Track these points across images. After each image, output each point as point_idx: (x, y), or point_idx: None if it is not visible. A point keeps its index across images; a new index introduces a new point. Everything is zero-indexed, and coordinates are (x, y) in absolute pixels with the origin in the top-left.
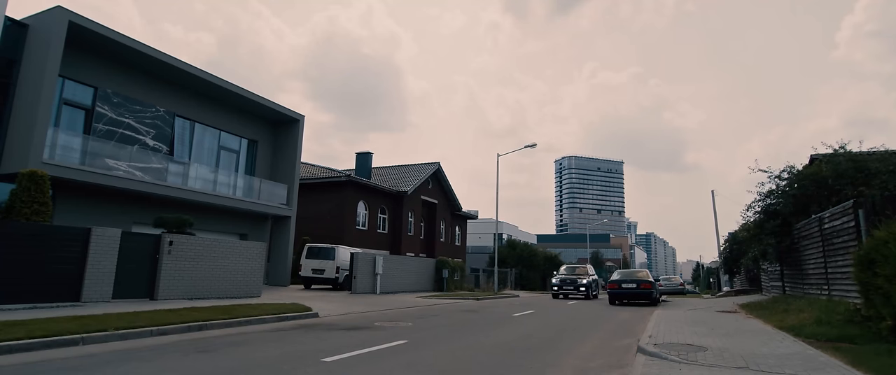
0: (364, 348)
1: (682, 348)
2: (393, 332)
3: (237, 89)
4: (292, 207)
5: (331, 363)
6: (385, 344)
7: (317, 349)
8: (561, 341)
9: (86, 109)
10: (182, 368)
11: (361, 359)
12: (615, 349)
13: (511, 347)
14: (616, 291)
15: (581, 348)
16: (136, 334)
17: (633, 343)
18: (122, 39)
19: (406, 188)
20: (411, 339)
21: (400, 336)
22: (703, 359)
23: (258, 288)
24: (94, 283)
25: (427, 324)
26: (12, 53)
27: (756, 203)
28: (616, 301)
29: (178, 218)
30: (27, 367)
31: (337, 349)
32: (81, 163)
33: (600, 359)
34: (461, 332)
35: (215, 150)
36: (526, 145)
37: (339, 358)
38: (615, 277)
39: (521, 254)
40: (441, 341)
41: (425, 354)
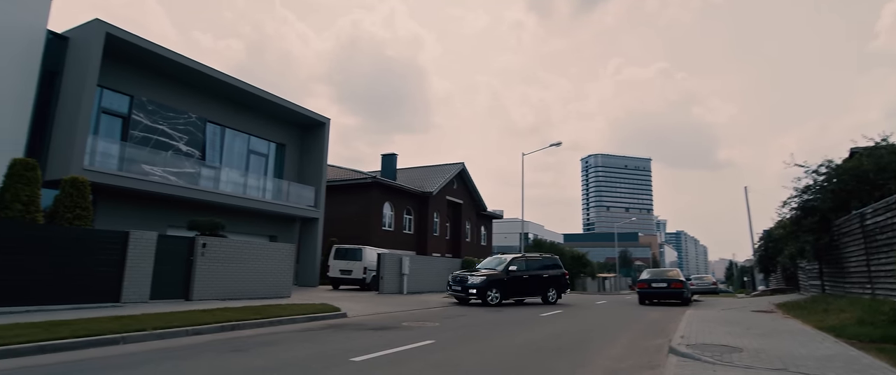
0: (392, 348)
1: (715, 349)
2: (420, 332)
3: (265, 94)
4: (320, 209)
5: (360, 362)
6: (413, 344)
7: (346, 348)
8: (590, 341)
9: (122, 117)
10: (217, 367)
11: (390, 359)
12: (646, 349)
13: (539, 347)
14: (646, 291)
15: (611, 348)
16: (173, 333)
17: (664, 343)
18: (156, 49)
19: (431, 188)
20: (438, 339)
21: (427, 336)
22: (739, 360)
23: (288, 289)
24: (133, 284)
25: (454, 324)
26: (54, 65)
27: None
28: (646, 300)
29: (210, 220)
30: (71, 365)
31: (365, 349)
32: (119, 169)
33: (631, 360)
34: (488, 332)
35: (245, 154)
36: (551, 144)
37: (368, 358)
38: (644, 276)
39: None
40: (468, 341)
41: (453, 354)
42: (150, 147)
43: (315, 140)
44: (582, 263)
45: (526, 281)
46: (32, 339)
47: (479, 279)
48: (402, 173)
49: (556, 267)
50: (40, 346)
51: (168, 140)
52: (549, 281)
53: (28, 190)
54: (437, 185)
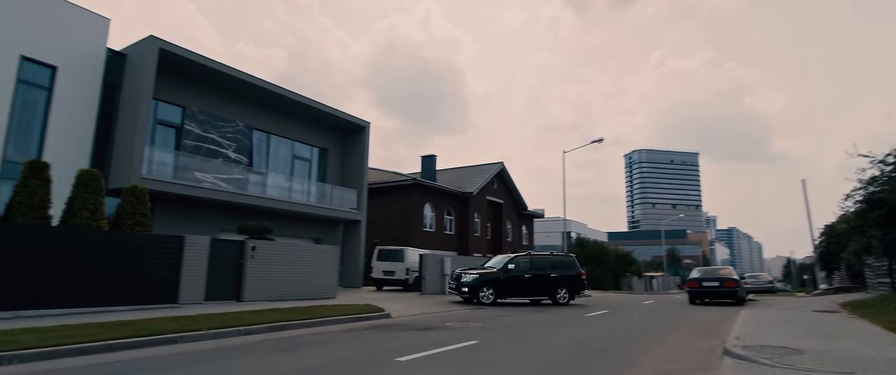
0: (436, 348)
1: (774, 350)
2: (464, 332)
3: (307, 101)
4: (362, 211)
5: (404, 362)
6: (457, 344)
7: (391, 348)
8: (638, 342)
9: (176, 127)
10: (268, 366)
11: (434, 359)
12: (698, 350)
13: (585, 347)
14: (696, 290)
15: (660, 349)
16: (226, 333)
17: (718, 344)
18: (206, 61)
19: (471, 189)
20: (482, 339)
21: (471, 336)
22: (800, 363)
23: (333, 290)
24: (189, 286)
25: (497, 324)
26: (114, 81)
27: (856, 191)
28: (696, 300)
29: (258, 224)
30: (134, 363)
31: (410, 349)
32: (174, 177)
33: (682, 361)
34: (532, 332)
35: (289, 160)
36: (592, 140)
37: (413, 358)
38: (695, 275)
39: (592, 253)
40: (512, 341)
41: (497, 354)
42: (202, 155)
43: (356, 144)
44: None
45: (528, 280)
46: (101, 338)
47: (471, 277)
48: (442, 174)
49: (570, 267)
50: (108, 345)
51: (218, 148)
52: (559, 281)
53: (94, 199)
54: (476, 185)
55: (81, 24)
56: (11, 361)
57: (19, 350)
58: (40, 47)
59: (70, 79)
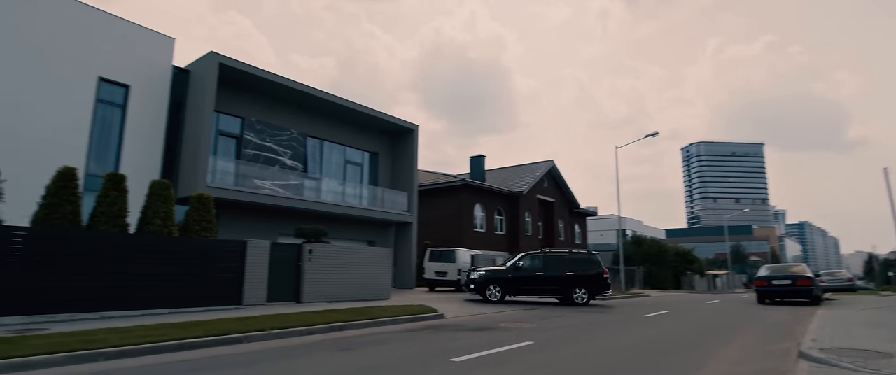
0: (491, 349)
1: (856, 354)
2: (518, 333)
3: (357, 106)
4: (413, 213)
5: (460, 363)
6: (511, 345)
7: (446, 349)
8: (702, 343)
9: (236, 137)
10: (329, 365)
11: (489, 360)
12: (769, 353)
13: (644, 349)
14: (765, 289)
15: (727, 351)
16: (288, 333)
17: (791, 347)
18: (262, 73)
19: (521, 188)
20: (537, 340)
21: (526, 336)
22: (888, 367)
23: (387, 291)
24: (252, 288)
25: (552, 325)
26: (179, 96)
27: None
28: (766, 299)
29: (314, 228)
30: (204, 361)
31: (465, 349)
32: (235, 185)
33: (752, 364)
34: (589, 333)
35: (342, 164)
36: (647, 134)
37: (468, 359)
38: (763, 273)
39: (649, 251)
40: (568, 342)
41: (553, 355)
42: (260, 163)
43: (405, 146)
44: (688, 260)
45: (538, 278)
46: (174, 338)
47: (478, 274)
48: (491, 174)
49: (589, 266)
50: (180, 344)
51: (274, 155)
52: (575, 280)
53: (165, 208)
54: (526, 184)
55: (150, 44)
56: (97, 359)
57: (104, 348)
58: (115, 68)
59: (141, 97)
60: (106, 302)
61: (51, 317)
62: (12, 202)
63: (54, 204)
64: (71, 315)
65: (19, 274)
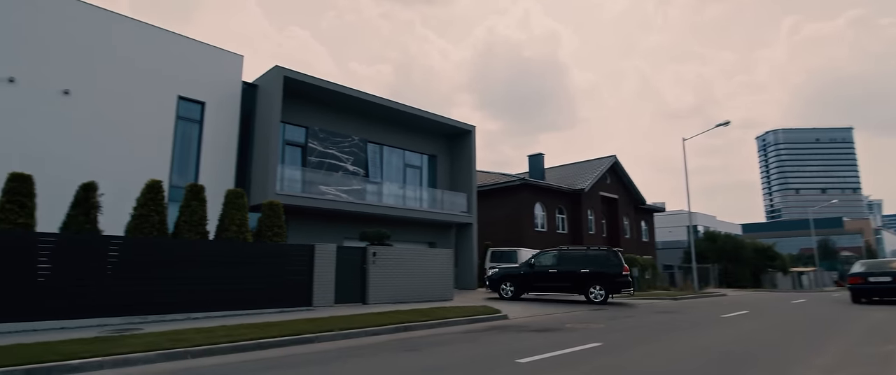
0: (557, 350)
1: None
2: (585, 334)
3: (414, 110)
4: (473, 214)
5: (525, 364)
6: (578, 347)
7: (510, 350)
8: (789, 346)
9: (301, 146)
10: (395, 365)
11: (556, 361)
12: (868, 358)
13: (723, 352)
14: (860, 287)
15: (818, 356)
16: (355, 334)
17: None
18: (323, 84)
19: (582, 185)
20: (606, 341)
21: (593, 338)
22: None
23: (450, 292)
24: (321, 290)
25: (621, 326)
26: (249, 109)
27: None
28: (861, 299)
29: (377, 231)
30: (281, 360)
31: (530, 350)
32: (302, 191)
33: (848, 370)
34: (660, 335)
35: (401, 168)
36: (717, 124)
37: (534, 360)
38: (858, 269)
39: (724, 247)
40: (639, 344)
41: (623, 357)
42: (324, 170)
43: (463, 148)
44: (768, 256)
45: (552, 276)
46: (253, 338)
47: (492, 271)
48: (551, 172)
49: (607, 263)
50: (258, 343)
51: (337, 162)
52: (592, 278)
53: (239, 215)
54: (588, 181)
55: (221, 62)
56: (185, 357)
57: (191, 347)
58: (192, 87)
59: (215, 112)
60: (190, 304)
61: (144, 318)
62: (109, 212)
63: (144, 215)
64: (161, 317)
65: (117, 279)
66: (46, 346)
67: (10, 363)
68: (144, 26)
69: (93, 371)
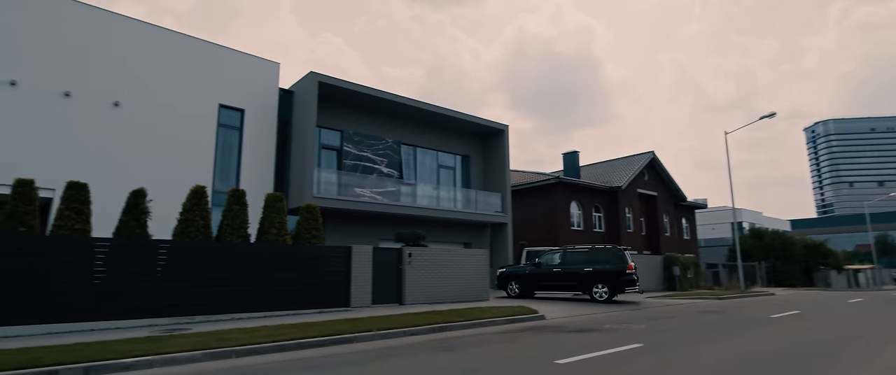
0: (596, 351)
1: None
2: (625, 335)
3: (447, 111)
4: (507, 214)
5: (564, 365)
6: (618, 348)
7: (548, 350)
8: (844, 349)
9: (336, 150)
10: (433, 365)
11: (596, 362)
12: None
13: (774, 354)
14: None
15: (876, 357)
16: (393, 334)
17: None
18: (357, 88)
19: (619, 183)
20: (647, 343)
21: (633, 339)
22: None
23: (485, 292)
24: (358, 291)
25: (662, 327)
26: (286, 115)
27: None
28: None
29: (413, 232)
30: (322, 359)
31: (568, 351)
32: (338, 194)
33: None
34: (705, 336)
35: (435, 169)
36: (762, 116)
37: (573, 361)
38: None
39: (771, 244)
40: (682, 345)
41: (666, 359)
42: (359, 172)
43: (496, 148)
44: (820, 253)
45: (556, 274)
46: (294, 337)
47: (500, 271)
48: (587, 170)
49: (610, 261)
50: (299, 343)
51: (372, 164)
52: (596, 276)
53: (279, 218)
54: (625, 179)
55: (259, 70)
56: (230, 356)
57: (236, 346)
58: (232, 95)
59: (254, 119)
60: (233, 305)
61: (191, 319)
62: (156, 217)
63: (189, 219)
64: (206, 317)
65: (165, 281)
66: (104, 345)
67: (73, 360)
68: (187, 39)
69: (144, 370)
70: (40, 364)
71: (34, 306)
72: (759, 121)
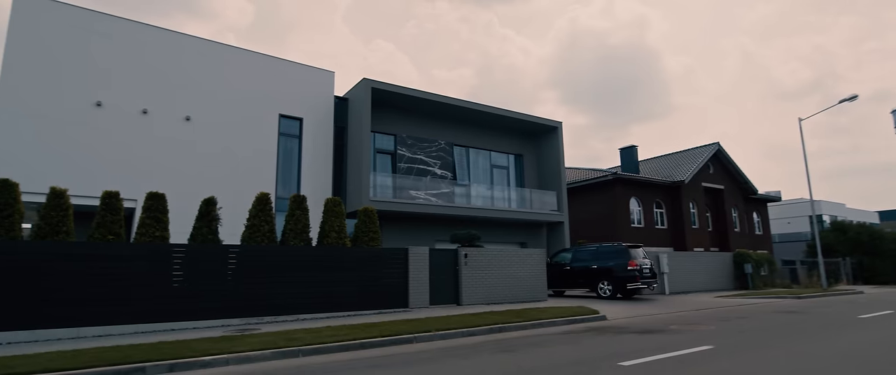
0: (663, 353)
1: None
2: (694, 336)
3: (498, 111)
4: (563, 212)
5: (629, 367)
6: (687, 349)
7: (611, 352)
8: None
9: (390, 154)
10: (492, 366)
11: (662, 365)
12: None
13: (864, 357)
14: None
15: None
16: (452, 335)
17: None
18: (409, 92)
19: (682, 177)
20: (719, 344)
21: (703, 340)
22: None
23: (543, 293)
24: (416, 292)
25: (734, 328)
26: (342, 122)
27: None
28: None
29: (468, 233)
30: (384, 359)
31: (633, 353)
32: (393, 197)
33: None
34: (784, 337)
35: (488, 169)
36: (842, 100)
37: (638, 363)
38: None
39: (857, 238)
40: (758, 347)
41: (740, 362)
42: (413, 175)
43: (550, 145)
44: None
45: (566, 272)
46: (356, 338)
47: None
48: (646, 165)
49: (614, 258)
50: (361, 343)
51: (425, 167)
52: (600, 274)
53: (338, 222)
54: (688, 172)
55: (316, 80)
56: (297, 355)
57: (302, 346)
58: (291, 104)
59: (312, 127)
60: (297, 306)
61: (259, 319)
62: (225, 223)
63: (255, 225)
64: (273, 318)
65: (235, 283)
66: (183, 344)
67: (158, 358)
68: (248, 53)
69: (221, 367)
70: (131, 361)
71: (122, 308)
72: (837, 105)
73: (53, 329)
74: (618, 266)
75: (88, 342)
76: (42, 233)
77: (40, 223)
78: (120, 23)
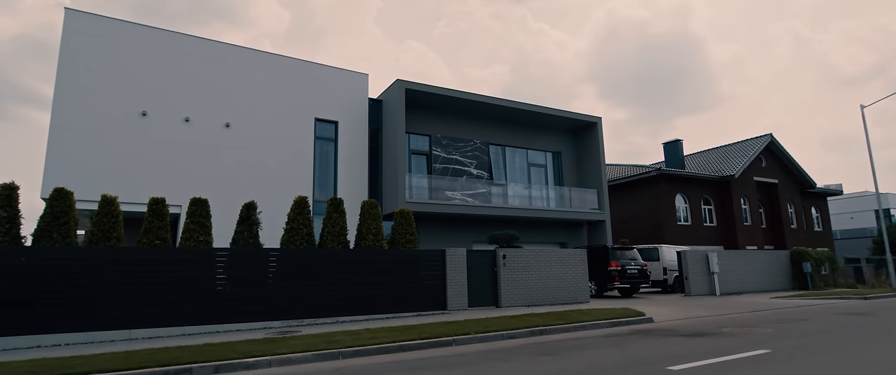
0: (714, 357)
1: None
2: (748, 339)
3: (534, 108)
4: (604, 210)
5: (678, 372)
6: (741, 353)
7: (658, 356)
8: None
9: (425, 154)
10: (533, 369)
11: (715, 370)
12: None
13: None
14: None
15: None
16: (491, 337)
17: None
18: (442, 91)
19: (732, 171)
20: (776, 348)
21: (759, 344)
22: None
23: (585, 294)
24: (454, 294)
25: (793, 331)
26: (376, 124)
27: None
28: None
29: (506, 233)
30: (423, 362)
31: (682, 357)
32: (429, 198)
33: None
34: (849, 342)
35: (525, 168)
36: None
37: (689, 367)
38: None
39: None
40: (821, 351)
41: (800, 367)
42: (449, 176)
43: (589, 142)
44: None
45: None
46: (395, 340)
47: None
48: (692, 159)
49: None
50: (400, 345)
51: (461, 167)
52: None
53: (374, 224)
54: (739, 166)
55: (350, 83)
56: (337, 357)
57: (342, 348)
58: (326, 108)
59: (347, 130)
60: (336, 308)
61: (300, 322)
62: (265, 227)
63: (294, 228)
64: (313, 320)
65: (276, 286)
66: (228, 346)
67: (204, 359)
68: (284, 59)
69: (264, 369)
70: (179, 362)
71: (169, 310)
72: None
73: (106, 331)
74: (601, 266)
75: (139, 343)
76: (94, 239)
77: (93, 229)
78: (161, 34)
